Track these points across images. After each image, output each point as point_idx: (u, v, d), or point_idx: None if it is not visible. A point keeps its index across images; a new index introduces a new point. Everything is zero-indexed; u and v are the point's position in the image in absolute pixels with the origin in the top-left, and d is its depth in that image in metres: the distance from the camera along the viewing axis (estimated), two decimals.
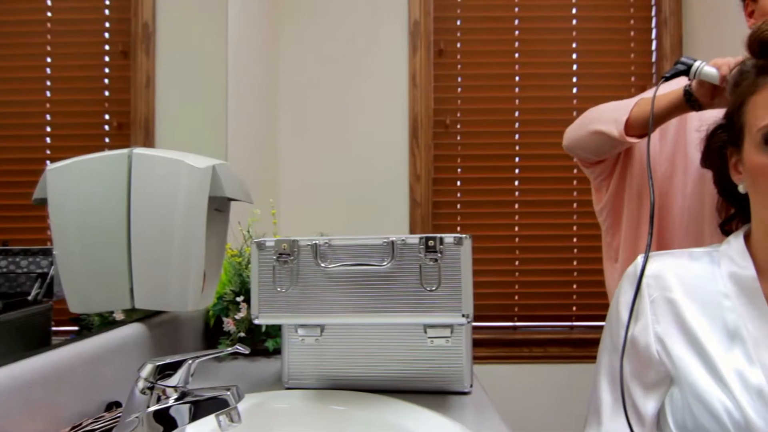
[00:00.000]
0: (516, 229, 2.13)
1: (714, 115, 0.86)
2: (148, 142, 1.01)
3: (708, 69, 0.90)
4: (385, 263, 0.78)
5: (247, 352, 0.63)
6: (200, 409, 0.59)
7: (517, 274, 2.14)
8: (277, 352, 1.14)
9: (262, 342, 1.14)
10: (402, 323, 0.87)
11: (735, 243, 0.79)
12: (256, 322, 0.82)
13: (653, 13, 2.12)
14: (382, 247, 0.78)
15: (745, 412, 0.68)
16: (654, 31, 2.12)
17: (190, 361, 0.60)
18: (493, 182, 2.12)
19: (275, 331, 1.14)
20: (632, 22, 2.13)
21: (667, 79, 0.96)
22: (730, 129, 0.80)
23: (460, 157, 2.11)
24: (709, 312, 0.76)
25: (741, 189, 0.79)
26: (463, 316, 0.78)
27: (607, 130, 1.07)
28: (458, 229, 2.11)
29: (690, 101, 0.95)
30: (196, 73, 1.28)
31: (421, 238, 0.77)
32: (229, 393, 0.59)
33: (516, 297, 2.14)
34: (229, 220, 0.99)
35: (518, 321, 2.14)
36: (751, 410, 0.68)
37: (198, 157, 0.87)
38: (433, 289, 0.77)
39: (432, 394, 0.90)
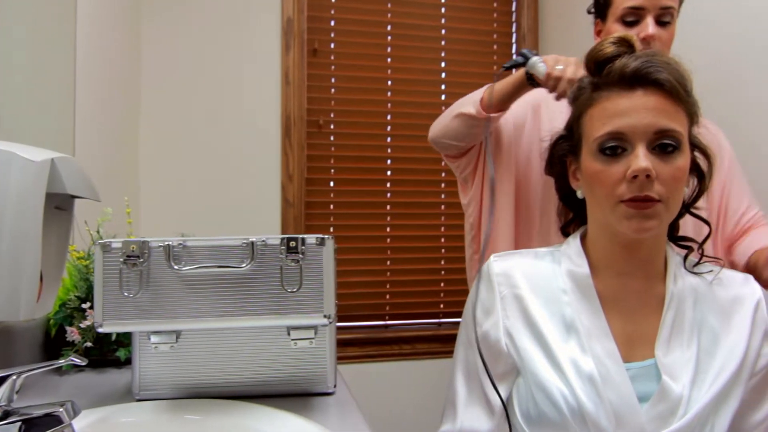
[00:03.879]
0: (388, 229, 2.18)
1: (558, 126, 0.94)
2: None
3: (540, 65, 1.10)
4: (244, 265, 0.75)
5: (83, 363, 0.57)
6: (33, 428, 0.53)
7: (388, 273, 2.18)
8: (129, 361, 1.05)
9: (113, 351, 1.05)
10: (263, 326, 0.84)
11: (573, 243, 0.87)
12: (100, 330, 0.75)
13: (514, 29, 2.28)
14: (241, 248, 0.76)
15: (578, 397, 0.75)
16: (514, 46, 2.28)
17: (14, 377, 0.54)
18: (366, 183, 2.15)
19: (127, 339, 1.06)
20: (495, 36, 2.27)
21: (507, 68, 1.16)
22: (570, 139, 0.87)
23: (334, 157, 2.12)
24: (550, 306, 0.82)
25: (579, 194, 0.86)
26: (325, 316, 0.77)
27: (467, 111, 1.22)
28: (331, 229, 2.12)
29: (530, 80, 1.14)
30: (38, 56, 1.15)
31: (282, 239, 0.76)
32: (62, 409, 0.54)
33: (387, 296, 2.19)
34: (73, 219, 0.90)
35: (389, 319, 2.19)
36: (583, 395, 0.75)
37: (35, 149, 0.77)
38: (295, 290, 0.76)
39: (295, 396, 0.89)
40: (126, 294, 0.75)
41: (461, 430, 0.83)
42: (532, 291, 0.83)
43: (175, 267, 0.75)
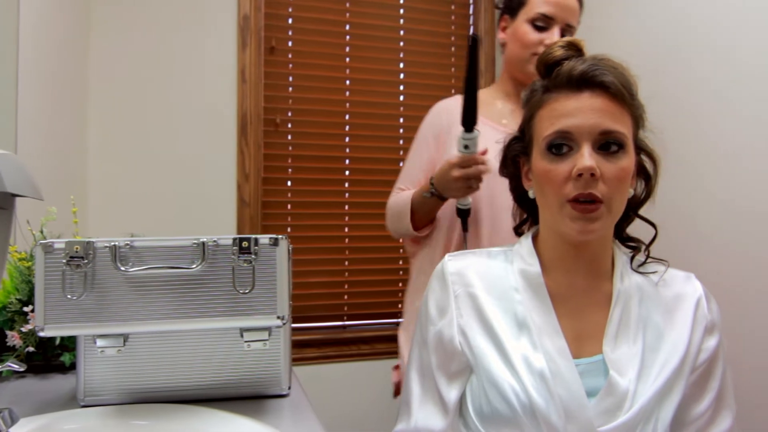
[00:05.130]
0: (346, 229, 2.17)
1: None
2: None
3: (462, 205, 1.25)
4: (195, 266, 0.74)
5: (21, 369, 0.55)
6: None
7: (346, 273, 2.18)
8: (74, 367, 1.01)
9: (57, 356, 1.01)
10: (214, 328, 0.83)
11: (525, 243, 0.89)
12: (42, 334, 0.72)
13: (471, 32, 2.31)
14: (192, 248, 0.74)
15: (530, 393, 0.76)
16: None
17: None
18: (324, 183, 2.13)
19: (72, 343, 1.02)
20: (453, 38, 2.30)
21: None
22: (522, 140, 0.89)
23: (291, 157, 2.09)
24: (503, 305, 0.83)
25: (531, 194, 0.88)
26: (279, 318, 0.76)
27: (407, 232, 1.34)
28: (288, 229, 2.10)
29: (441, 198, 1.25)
30: None
31: (234, 239, 0.75)
32: None
33: (346, 296, 2.18)
34: (13, 218, 0.86)
35: (348, 320, 2.19)
36: (534, 391, 0.76)
37: None
38: (247, 291, 0.74)
39: (248, 399, 0.87)
40: (69, 296, 0.72)
41: (416, 428, 0.84)
42: (486, 290, 0.85)
43: (122, 268, 0.73)
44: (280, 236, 0.76)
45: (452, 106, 1.38)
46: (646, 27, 1.59)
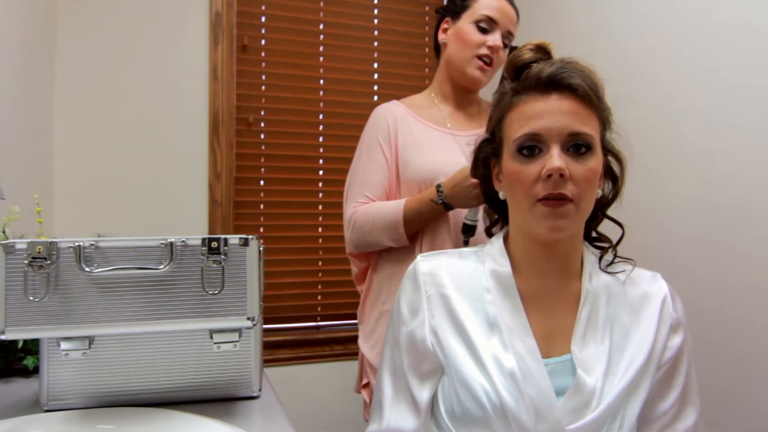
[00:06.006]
0: (319, 230, 2.16)
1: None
2: None
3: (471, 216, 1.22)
4: (162, 266, 0.72)
5: None
6: None
7: (320, 274, 2.17)
8: (38, 370, 0.99)
9: (20, 360, 0.98)
10: (183, 330, 0.81)
11: (496, 243, 0.89)
12: (2, 337, 0.70)
13: None
14: (159, 248, 0.73)
15: (500, 393, 0.77)
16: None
17: None
18: (297, 183, 2.12)
19: (36, 346, 0.99)
20: (427, 39, 2.30)
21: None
22: (493, 142, 0.90)
23: (264, 156, 2.08)
24: (475, 305, 0.84)
25: (501, 196, 0.89)
26: (249, 319, 0.75)
27: (390, 244, 1.30)
28: (261, 229, 2.08)
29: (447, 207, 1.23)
30: None
31: (203, 239, 0.74)
32: None
33: (319, 297, 2.17)
34: None
35: (321, 320, 2.18)
36: (504, 391, 0.77)
37: None
38: (216, 292, 0.73)
39: (218, 401, 0.86)
40: (31, 298, 0.70)
41: (388, 429, 0.84)
42: (457, 290, 0.85)
43: (87, 269, 0.71)
44: (250, 236, 0.76)
45: (393, 109, 1.39)
46: (613, 31, 1.62)
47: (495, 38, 1.31)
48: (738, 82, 1.25)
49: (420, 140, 1.33)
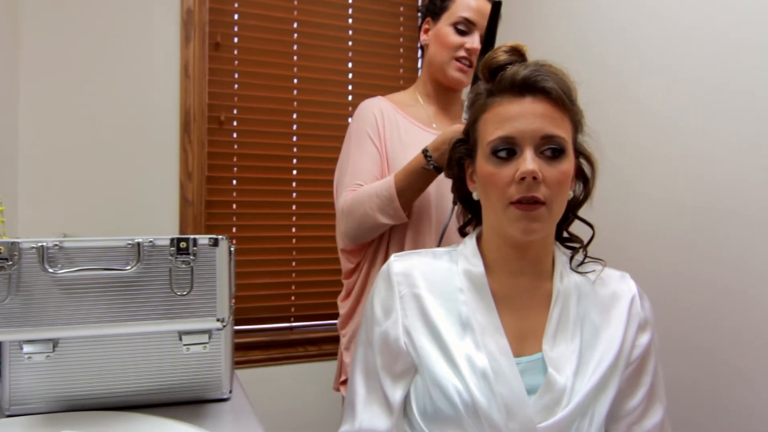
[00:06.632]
0: (293, 230, 2.15)
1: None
2: None
3: None
4: (129, 267, 0.71)
5: None
6: None
7: (294, 274, 2.15)
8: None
9: None
10: (150, 332, 0.80)
11: (469, 243, 0.90)
12: None
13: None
14: (126, 249, 0.71)
15: (472, 393, 0.77)
16: (420, 51, 2.31)
17: None
18: (271, 183, 2.10)
19: None
20: (401, 39, 2.31)
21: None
22: (467, 143, 0.90)
23: (237, 155, 2.05)
24: (447, 305, 0.84)
25: (475, 196, 0.89)
26: (219, 320, 0.74)
27: (387, 221, 1.25)
28: (234, 229, 2.05)
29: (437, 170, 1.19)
30: None
31: (172, 240, 0.72)
32: None
33: (293, 297, 2.15)
34: None
35: (295, 321, 2.16)
36: (476, 390, 0.77)
37: None
38: (185, 293, 0.72)
39: (188, 404, 0.85)
40: None
41: (360, 429, 0.83)
42: (430, 290, 0.85)
43: (50, 270, 0.69)
44: (220, 236, 0.74)
45: (380, 104, 1.39)
46: (585, 34, 1.64)
47: (473, 40, 1.32)
48: (705, 86, 1.28)
49: (406, 138, 1.33)
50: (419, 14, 1.45)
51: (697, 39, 1.30)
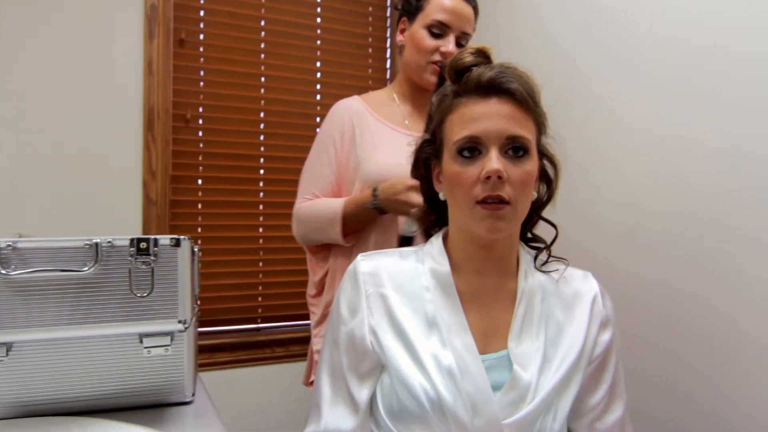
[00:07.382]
0: (260, 230, 2.12)
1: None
2: None
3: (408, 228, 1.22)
4: (87, 268, 0.69)
5: None
6: None
7: (261, 275, 2.13)
8: None
9: None
10: (109, 334, 0.78)
11: (436, 243, 0.90)
12: None
13: (388, 33, 2.33)
14: (83, 249, 0.69)
15: (438, 390, 0.78)
16: (389, 51, 2.33)
17: None
18: (237, 182, 2.07)
19: None
20: (370, 39, 2.31)
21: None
22: (433, 144, 0.90)
23: (202, 154, 2.02)
24: (414, 304, 0.85)
25: (441, 196, 0.90)
26: (180, 322, 0.73)
27: (328, 242, 1.33)
28: (199, 229, 2.02)
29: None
30: None
31: (131, 240, 0.70)
32: None
33: (260, 298, 2.13)
34: None
35: (262, 322, 2.14)
36: (442, 388, 0.78)
37: None
38: (145, 295, 0.70)
39: (149, 408, 0.83)
40: None
41: (326, 429, 0.83)
42: (396, 290, 0.85)
43: (3, 272, 0.67)
44: (182, 237, 0.73)
45: (353, 105, 1.39)
46: (550, 36, 1.67)
47: (447, 44, 1.30)
48: (670, 91, 1.31)
49: (376, 140, 1.33)
50: (397, 10, 1.43)
51: (663, 43, 1.33)
